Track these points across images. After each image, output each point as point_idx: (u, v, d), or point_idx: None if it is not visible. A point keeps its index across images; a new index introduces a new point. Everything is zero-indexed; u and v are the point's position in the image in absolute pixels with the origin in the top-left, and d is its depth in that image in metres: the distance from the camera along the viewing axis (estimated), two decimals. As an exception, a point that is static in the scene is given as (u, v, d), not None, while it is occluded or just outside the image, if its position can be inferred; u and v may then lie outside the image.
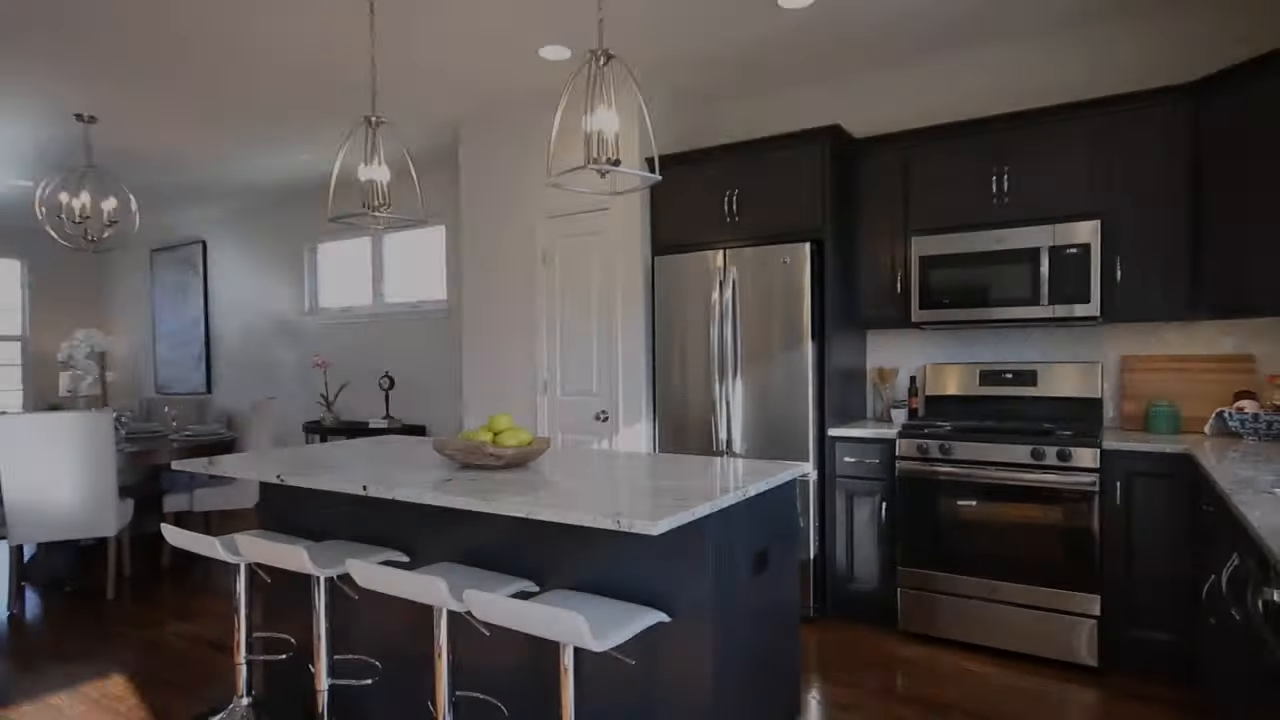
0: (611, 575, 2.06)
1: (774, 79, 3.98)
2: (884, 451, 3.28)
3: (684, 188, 3.80)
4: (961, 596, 3.09)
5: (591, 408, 4.05)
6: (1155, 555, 2.76)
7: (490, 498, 1.92)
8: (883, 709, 2.63)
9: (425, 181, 5.63)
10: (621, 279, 3.92)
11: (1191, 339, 3.20)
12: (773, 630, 2.28)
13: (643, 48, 3.52)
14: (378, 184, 2.55)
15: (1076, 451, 2.85)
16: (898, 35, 3.44)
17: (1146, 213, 2.98)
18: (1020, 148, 3.18)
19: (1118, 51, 3.31)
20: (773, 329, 3.45)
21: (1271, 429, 2.73)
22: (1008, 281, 3.17)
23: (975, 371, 3.54)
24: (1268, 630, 1.28)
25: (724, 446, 3.60)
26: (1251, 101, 2.67)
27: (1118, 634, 2.83)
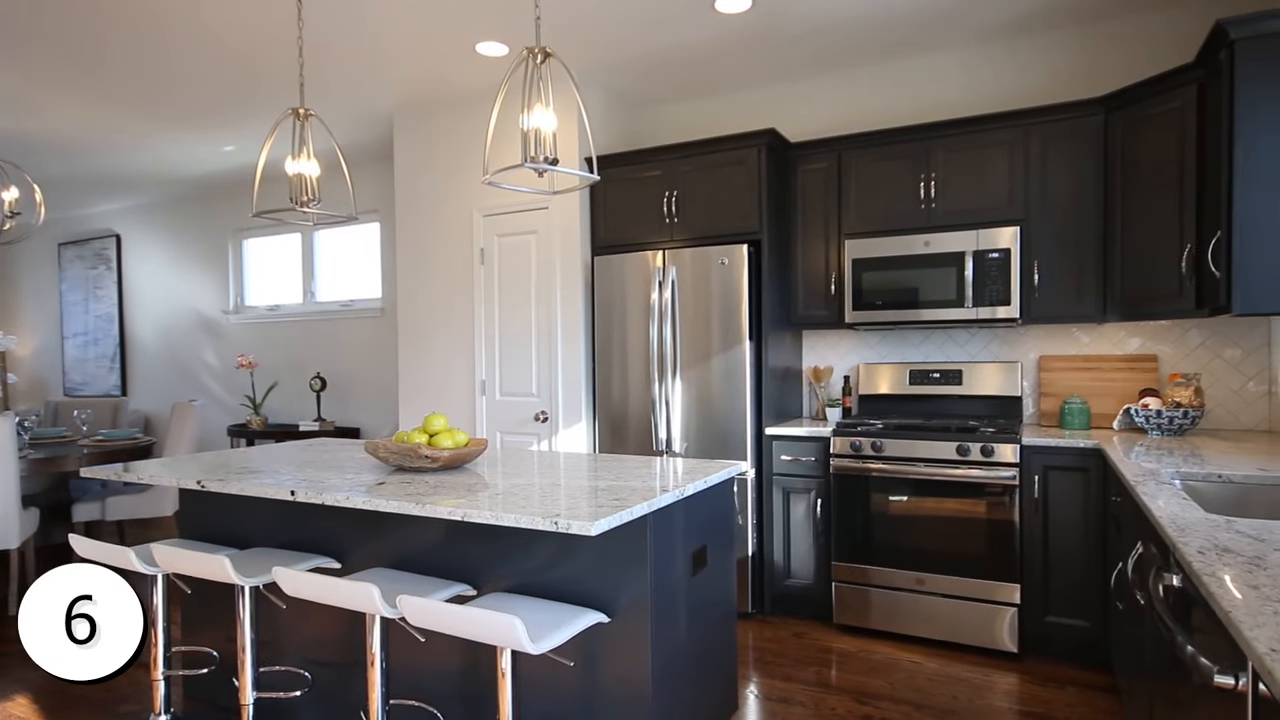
0: (550, 577, 2.05)
1: (712, 82, 4.02)
2: (819, 450, 3.36)
3: (624, 188, 3.81)
4: (892, 589, 3.19)
5: (531, 408, 4.01)
6: (1069, 545, 2.91)
7: (424, 501, 1.88)
8: (817, 701, 2.69)
9: (358, 176, 5.47)
10: (561, 278, 3.90)
11: (1102, 340, 3.39)
12: (711, 628, 2.30)
13: (581, 48, 3.50)
14: (306, 178, 2.46)
15: (998, 447, 2.98)
16: (832, 43, 3.53)
17: (1061, 220, 3.13)
18: (947, 155, 3.30)
19: (1040, 65, 3.47)
20: (712, 329, 3.49)
21: (1173, 424, 2.91)
22: (935, 284, 3.28)
23: (905, 371, 3.66)
24: (1167, 613, 1.37)
25: (664, 446, 3.62)
26: (1150, 117, 2.85)
27: (1036, 621, 2.97)
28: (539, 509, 1.77)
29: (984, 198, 3.24)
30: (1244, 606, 1.00)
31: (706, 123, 4.25)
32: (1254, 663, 0.87)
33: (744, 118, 4.14)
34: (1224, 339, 3.16)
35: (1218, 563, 1.21)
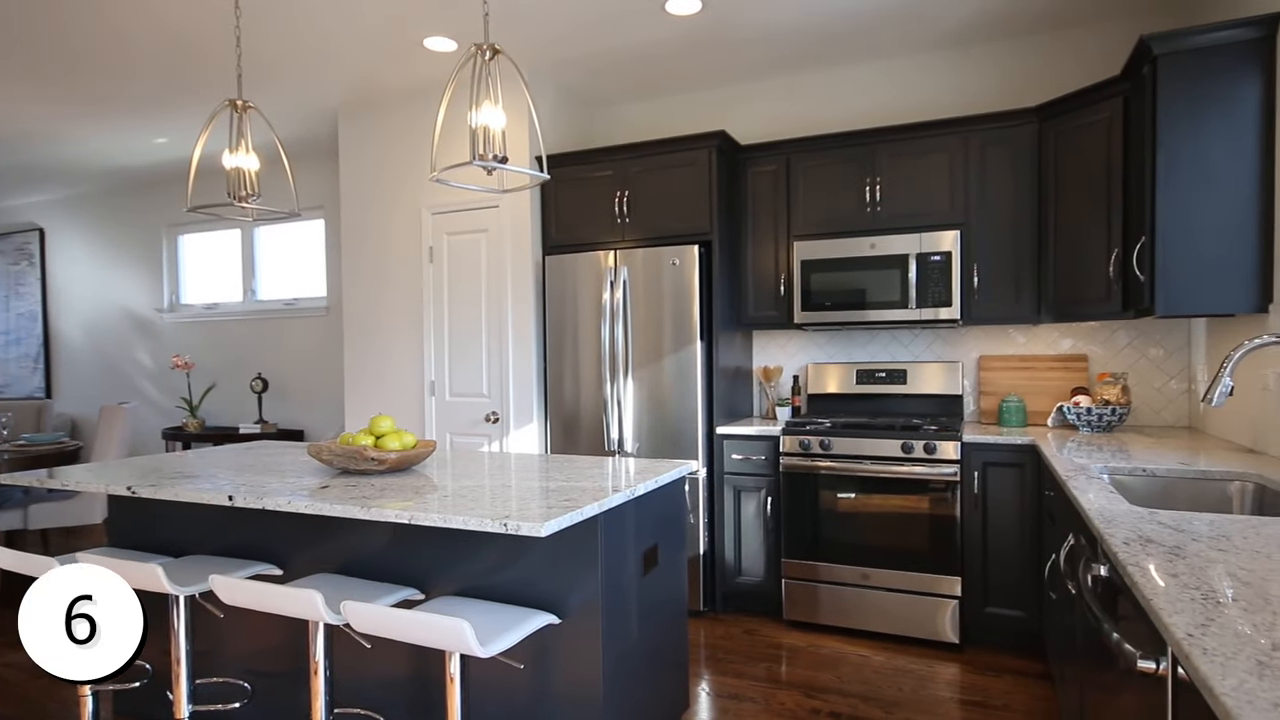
0: (500, 579, 2.03)
1: (664, 83, 4.04)
2: (769, 448, 3.41)
3: (575, 188, 3.80)
4: (840, 585, 3.25)
5: (481, 409, 3.97)
6: (1007, 538, 3.02)
7: (370, 504, 1.84)
8: (768, 696, 2.73)
9: (302, 172, 5.32)
10: (512, 278, 3.86)
11: (1037, 340, 3.52)
12: (663, 626, 2.31)
13: (531, 45, 3.48)
14: (245, 172, 2.38)
15: (940, 445, 3.07)
16: (781, 47, 3.58)
17: (999, 224, 3.25)
18: (891, 160, 3.39)
19: (979, 74, 3.59)
20: (663, 329, 3.51)
21: (1102, 421, 3.05)
22: (881, 286, 3.36)
23: (853, 371, 3.74)
24: (1095, 602, 1.43)
25: (615, 446, 3.62)
26: (1080, 127, 2.97)
27: (976, 612, 3.07)
28: (488, 511, 1.75)
29: (926, 202, 3.34)
30: (1164, 594, 1.05)
31: (658, 123, 4.27)
32: (1173, 647, 0.92)
33: (695, 119, 4.17)
34: (1148, 339, 3.32)
35: (1141, 553, 1.27)
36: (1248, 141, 2.40)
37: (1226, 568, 1.18)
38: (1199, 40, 2.43)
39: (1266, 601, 1.02)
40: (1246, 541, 1.33)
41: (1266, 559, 1.22)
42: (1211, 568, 1.18)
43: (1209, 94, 2.43)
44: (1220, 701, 0.74)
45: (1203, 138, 2.44)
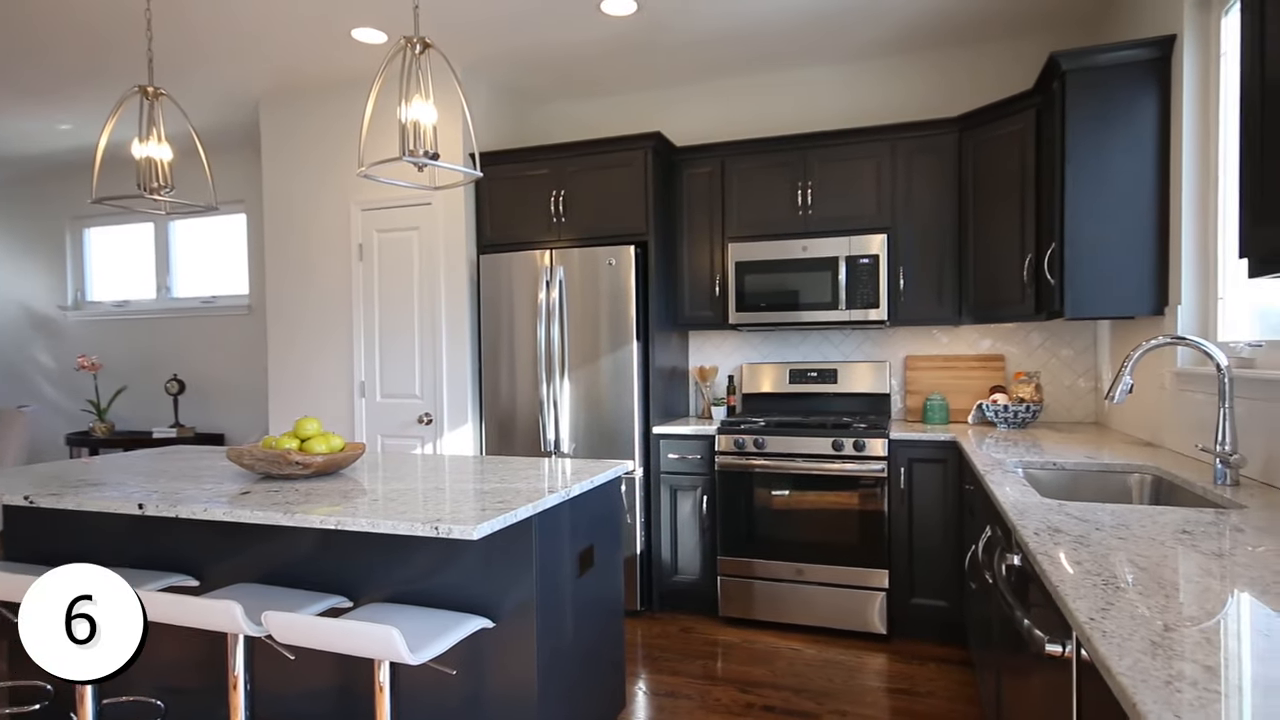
0: (432, 584, 1.99)
1: (601, 83, 4.04)
2: (705, 447, 3.44)
3: (510, 186, 3.75)
4: (774, 580, 3.32)
5: (414, 410, 3.88)
6: (931, 532, 3.13)
7: (294, 510, 1.77)
8: (703, 693, 2.76)
9: (222, 164, 5.08)
10: (445, 277, 3.79)
11: (959, 341, 3.68)
12: (598, 627, 2.31)
13: (464, 41, 3.42)
14: (157, 163, 2.25)
15: (869, 442, 3.16)
16: (716, 52, 3.63)
17: (923, 229, 3.37)
18: (822, 165, 3.48)
19: (904, 84, 3.72)
20: (600, 329, 3.50)
21: (1017, 417, 3.20)
22: (813, 287, 3.45)
23: (786, 370, 3.82)
24: (1008, 590, 1.50)
25: (552, 447, 3.60)
26: (996, 138, 3.12)
27: (903, 603, 3.18)
28: (420, 514, 1.71)
29: (855, 206, 3.44)
30: (1069, 581, 1.11)
31: (595, 122, 4.26)
32: (1076, 631, 0.97)
33: (632, 119, 4.19)
34: (1059, 340, 3.51)
35: (1050, 542, 1.34)
36: (1147, 154, 2.56)
37: (1126, 555, 1.25)
38: (1103, 58, 2.58)
39: (1160, 585, 1.09)
40: (1144, 529, 1.42)
41: (1161, 545, 1.31)
42: (1113, 555, 1.25)
43: (1113, 109, 2.58)
44: (1117, 680, 0.79)
45: (1106, 150, 2.60)
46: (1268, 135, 1.18)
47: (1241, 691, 0.76)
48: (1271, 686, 0.77)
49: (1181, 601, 1.02)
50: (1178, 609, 0.99)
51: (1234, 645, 0.87)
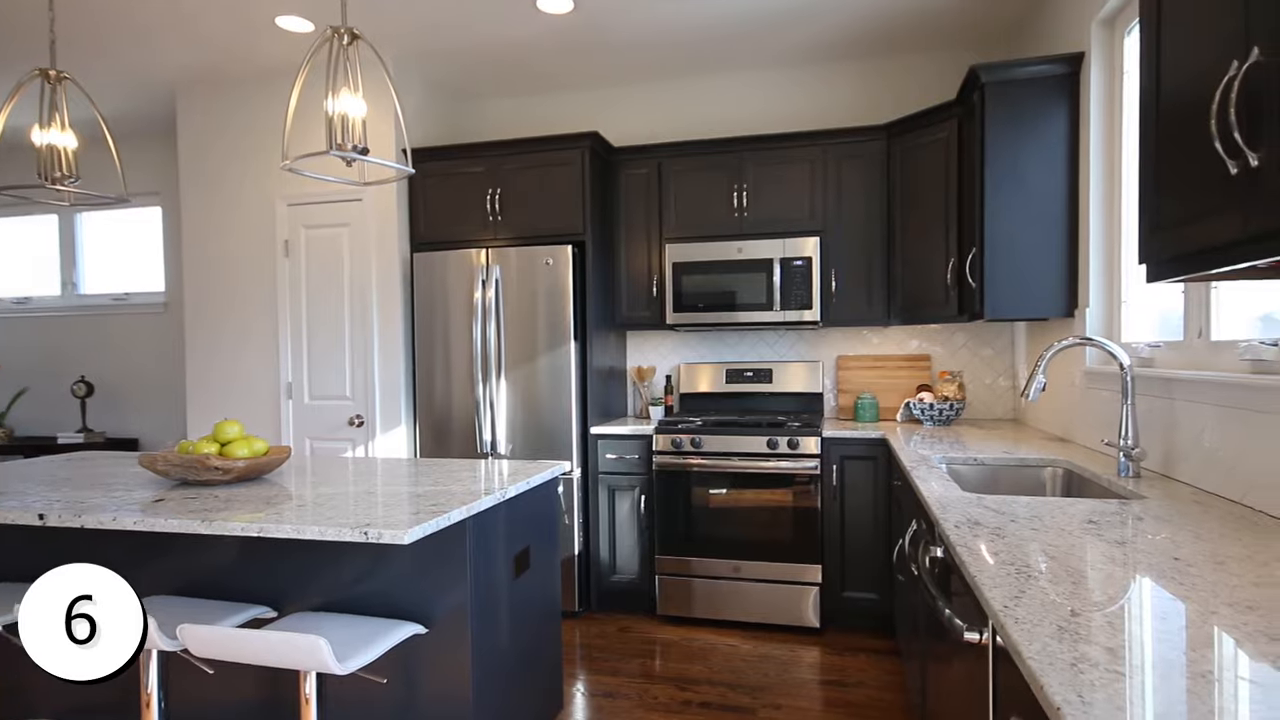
0: (362, 591, 1.93)
1: (538, 81, 4.00)
2: (642, 447, 3.46)
3: (445, 183, 3.68)
4: (712, 578, 3.35)
5: (344, 412, 3.76)
6: (862, 527, 3.23)
7: (213, 518, 1.69)
8: (641, 692, 2.77)
9: (135, 153, 4.81)
10: (377, 275, 3.69)
11: (888, 341, 3.80)
12: (535, 629, 2.29)
13: (396, 34, 3.34)
14: (60, 151, 2.12)
15: (802, 440, 3.24)
16: (653, 54, 3.65)
17: (854, 232, 3.47)
18: (757, 168, 3.54)
19: (837, 90, 3.82)
20: (537, 329, 3.47)
21: (942, 415, 3.33)
22: (748, 288, 3.50)
23: (723, 370, 3.87)
24: (931, 582, 1.56)
25: (488, 448, 3.55)
26: (921, 145, 3.24)
27: (835, 597, 3.26)
28: (349, 519, 1.66)
29: (789, 209, 3.51)
30: (986, 571, 1.17)
31: (533, 121, 4.23)
32: (992, 619, 1.01)
33: (570, 118, 4.17)
34: (980, 340, 3.67)
35: (969, 534, 1.39)
36: (1058, 164, 2.71)
37: (1038, 545, 1.32)
38: (1019, 73, 2.71)
39: (1069, 573, 1.15)
40: (1055, 520, 1.50)
41: (1070, 535, 1.38)
42: (1027, 545, 1.32)
43: (1027, 120, 2.72)
44: (1026, 664, 0.83)
45: (1022, 160, 2.73)
46: (1162, 149, 1.27)
47: (1141, 671, 0.81)
48: (1169, 666, 0.82)
49: (1088, 588, 1.08)
50: (1084, 595, 1.05)
51: (1135, 628, 0.93)
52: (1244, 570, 1.15)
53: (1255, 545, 1.30)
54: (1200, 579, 1.11)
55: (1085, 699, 0.74)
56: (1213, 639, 0.89)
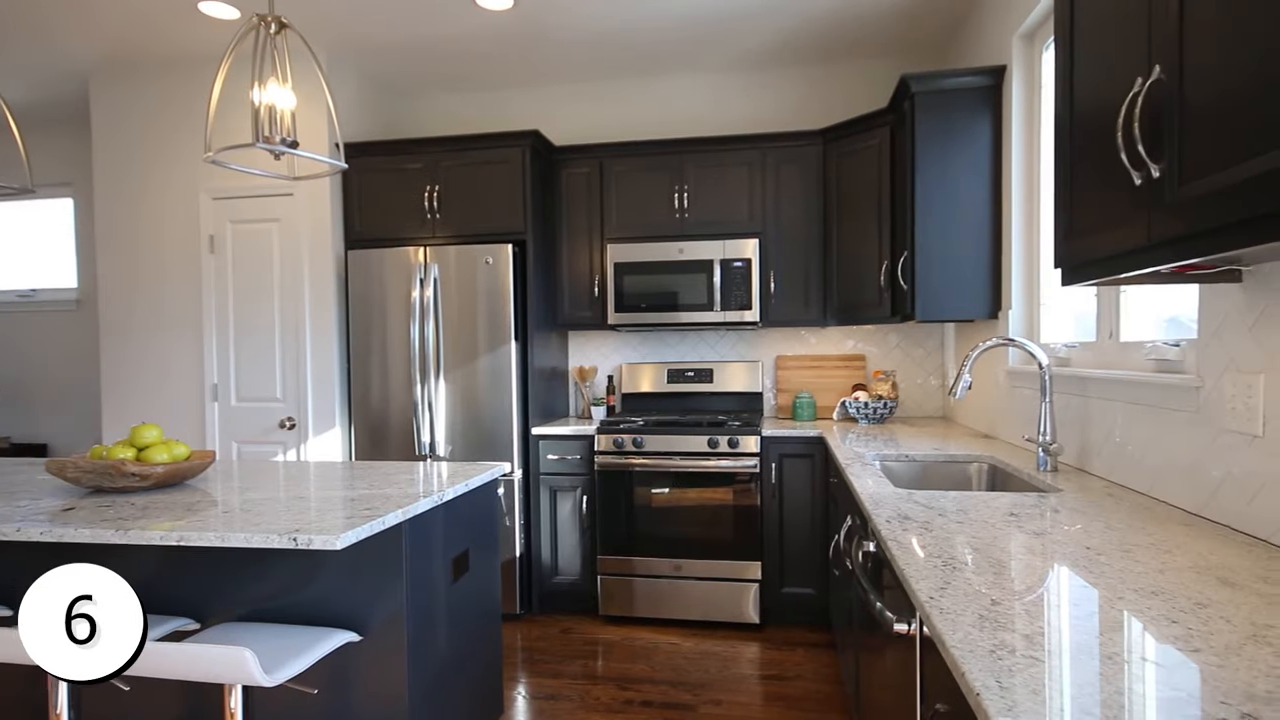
0: (294, 599, 1.86)
1: (478, 78, 3.95)
2: (584, 447, 3.45)
3: (381, 180, 3.59)
4: (653, 577, 3.37)
5: (275, 414, 3.63)
6: (800, 523, 3.30)
7: (129, 526, 1.61)
8: (583, 693, 2.76)
9: (44, 141, 4.53)
10: (310, 272, 3.57)
11: (825, 341, 3.89)
12: (475, 633, 2.25)
13: (328, 25, 3.24)
14: (-43, 137, 1.97)
15: (742, 439, 3.28)
16: (595, 52, 3.64)
17: (792, 235, 3.54)
18: (698, 170, 3.57)
19: (775, 95, 3.89)
20: (477, 329, 3.42)
21: (876, 413, 3.43)
22: (690, 289, 3.53)
23: (664, 370, 3.89)
24: (864, 576, 1.60)
25: (427, 450, 3.48)
26: (856, 151, 3.33)
27: (774, 593, 3.32)
28: (278, 525, 1.60)
29: (729, 211, 3.56)
30: (914, 564, 1.21)
31: (473, 117, 4.16)
32: (919, 610, 1.05)
33: (511, 116, 4.12)
34: (912, 341, 3.79)
35: (899, 529, 1.44)
36: (983, 172, 2.82)
37: (964, 537, 1.37)
38: (946, 83, 2.81)
39: (991, 564, 1.20)
40: (979, 514, 1.56)
41: (993, 528, 1.44)
42: (953, 538, 1.37)
43: (955, 129, 2.82)
44: (949, 652, 0.86)
45: (950, 167, 2.83)
46: (1076, 160, 1.33)
47: (1055, 655, 0.85)
48: (1081, 650, 0.86)
49: (1008, 578, 1.13)
50: (1005, 585, 1.10)
51: (1050, 615, 0.98)
52: (1149, 558, 1.22)
53: (1159, 534, 1.38)
54: (1110, 567, 1.18)
55: (1003, 684, 0.77)
56: (1121, 623, 0.94)
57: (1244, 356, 1.37)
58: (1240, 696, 0.74)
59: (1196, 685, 0.77)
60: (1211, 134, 0.92)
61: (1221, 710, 0.71)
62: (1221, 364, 1.44)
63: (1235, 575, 1.13)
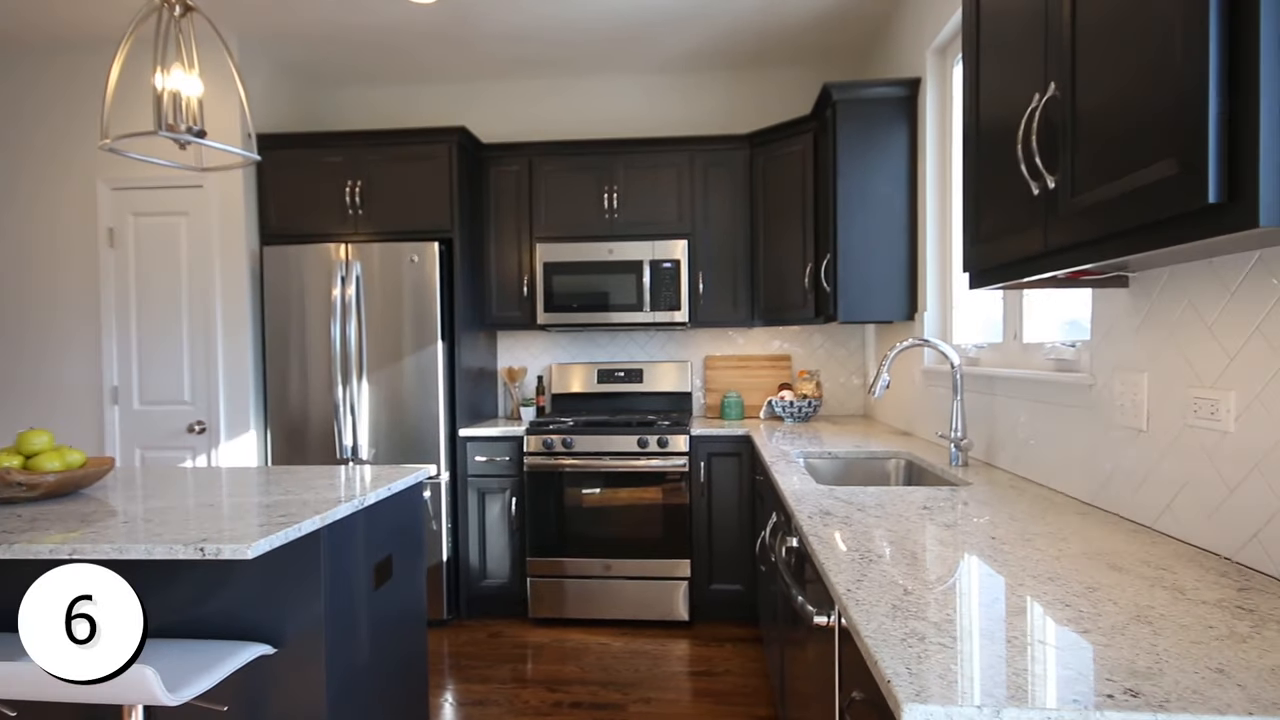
0: (201, 612, 1.77)
1: (405, 71, 3.85)
2: (513, 449, 3.41)
3: (300, 173, 3.46)
4: (584, 578, 3.36)
5: (183, 419, 3.44)
6: (728, 520, 3.35)
7: (14, 540, 1.49)
8: (512, 697, 2.73)
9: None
10: (221, 268, 3.40)
11: (752, 342, 3.97)
12: (398, 641, 2.20)
13: (239, 9, 3.09)
14: None
15: (672, 439, 3.31)
16: (525, 51, 3.61)
17: (720, 237, 3.60)
18: (627, 171, 3.58)
19: (705, 98, 3.94)
20: (403, 328, 3.33)
21: (801, 412, 3.52)
22: (619, 289, 3.54)
23: (594, 370, 3.88)
24: (787, 571, 1.65)
25: (349, 454, 3.36)
26: (781, 156, 3.42)
27: (703, 590, 3.36)
28: (184, 535, 1.52)
29: (659, 212, 3.58)
30: (833, 557, 1.24)
31: (398, 111, 4.06)
32: (837, 602, 1.08)
33: (439, 111, 4.04)
34: (836, 341, 3.91)
35: (820, 524, 1.48)
36: (901, 179, 2.94)
37: (882, 531, 1.42)
38: (866, 92, 2.92)
39: (905, 555, 1.25)
40: (895, 508, 1.62)
41: (908, 520, 1.50)
42: (872, 531, 1.42)
43: (875, 137, 2.93)
44: (864, 642, 0.90)
45: (870, 173, 2.94)
46: (981, 170, 1.41)
47: (962, 641, 0.89)
48: (986, 635, 0.91)
49: (921, 568, 1.18)
50: (917, 575, 1.14)
51: (958, 602, 1.03)
52: (1047, 546, 1.30)
53: (1057, 523, 1.47)
54: (1012, 555, 1.24)
55: (912, 670, 0.81)
56: (1022, 608, 0.99)
57: (1130, 357, 1.47)
58: (1124, 673, 0.80)
59: (1086, 664, 0.82)
60: (1098, 149, 0.98)
61: (1108, 687, 0.76)
62: (1111, 364, 1.54)
63: (1122, 560, 1.21)
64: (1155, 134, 0.86)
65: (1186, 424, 1.30)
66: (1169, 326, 1.35)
